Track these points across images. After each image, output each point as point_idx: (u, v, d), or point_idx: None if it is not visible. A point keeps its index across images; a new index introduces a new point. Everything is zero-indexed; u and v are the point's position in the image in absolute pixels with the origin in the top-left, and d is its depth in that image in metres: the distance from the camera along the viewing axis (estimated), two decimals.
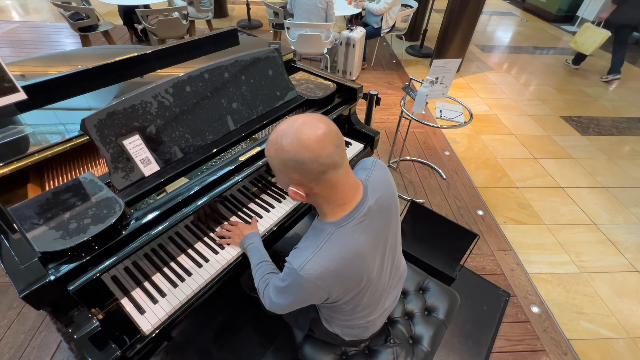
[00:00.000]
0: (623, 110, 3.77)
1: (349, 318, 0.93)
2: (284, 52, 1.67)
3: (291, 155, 0.66)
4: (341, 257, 0.72)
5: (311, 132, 0.66)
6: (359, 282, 0.78)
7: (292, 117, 0.72)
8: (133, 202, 0.99)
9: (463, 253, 1.71)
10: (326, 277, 0.71)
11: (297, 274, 0.70)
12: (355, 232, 0.74)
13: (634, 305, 1.84)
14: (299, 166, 0.67)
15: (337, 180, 0.71)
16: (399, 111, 2.29)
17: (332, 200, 0.74)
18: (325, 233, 0.73)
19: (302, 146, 0.65)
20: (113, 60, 1.42)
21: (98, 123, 0.94)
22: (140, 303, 0.96)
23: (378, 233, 0.80)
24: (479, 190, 2.52)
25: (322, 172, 0.68)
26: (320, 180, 0.69)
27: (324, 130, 0.66)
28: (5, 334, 1.51)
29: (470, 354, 1.56)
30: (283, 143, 0.67)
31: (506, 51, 5.23)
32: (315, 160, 0.66)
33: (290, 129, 0.67)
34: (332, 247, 0.72)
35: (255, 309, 1.62)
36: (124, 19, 4.10)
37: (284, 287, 0.77)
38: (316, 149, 0.65)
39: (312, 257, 0.70)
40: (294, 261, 0.72)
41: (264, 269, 0.97)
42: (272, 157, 0.70)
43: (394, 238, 0.89)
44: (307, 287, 0.72)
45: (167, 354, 1.48)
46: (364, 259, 0.76)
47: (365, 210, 0.75)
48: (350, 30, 3.57)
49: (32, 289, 0.75)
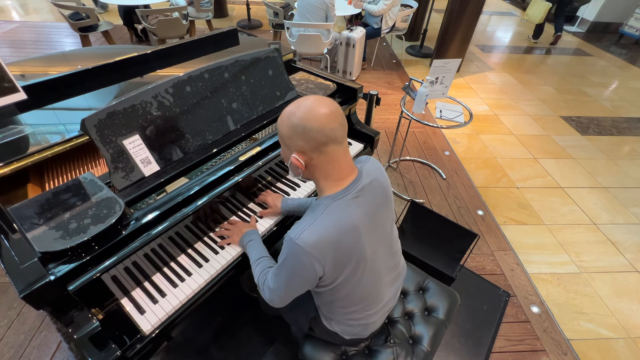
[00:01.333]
0: (623, 110, 3.77)
1: (348, 311, 0.94)
2: (284, 52, 1.67)
3: (301, 121, 0.74)
4: (336, 226, 0.76)
5: (321, 107, 0.75)
6: (353, 256, 0.81)
7: (305, 97, 0.80)
8: (133, 202, 0.99)
9: (463, 253, 1.71)
10: (321, 246, 0.75)
11: (294, 242, 0.74)
12: (351, 206, 0.79)
13: (634, 305, 1.84)
14: (305, 133, 0.74)
15: (336, 156, 0.78)
16: (399, 111, 2.29)
17: (330, 174, 0.80)
18: (322, 206, 0.79)
19: (311, 116, 0.74)
20: (113, 60, 1.42)
21: (98, 123, 0.94)
22: (140, 303, 0.96)
23: (372, 213, 0.84)
24: (479, 190, 2.52)
25: (325, 143, 0.75)
26: (322, 152, 0.76)
27: (332, 108, 0.76)
28: (5, 334, 1.51)
29: (470, 354, 1.56)
30: (296, 111, 0.76)
31: (506, 51, 5.23)
32: (320, 130, 0.74)
33: (304, 102, 0.77)
34: (328, 217, 0.77)
35: (255, 309, 1.62)
36: (124, 19, 4.10)
37: (281, 263, 0.81)
38: (323, 121, 0.74)
39: (309, 227, 0.75)
40: (292, 232, 0.77)
41: (263, 263, 0.98)
42: (284, 123, 0.78)
43: (388, 225, 0.93)
44: (302, 258, 0.75)
45: (167, 354, 1.48)
46: (358, 232, 0.79)
47: (360, 187, 0.81)
48: (350, 31, 3.58)
49: (32, 289, 0.75)
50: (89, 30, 3.47)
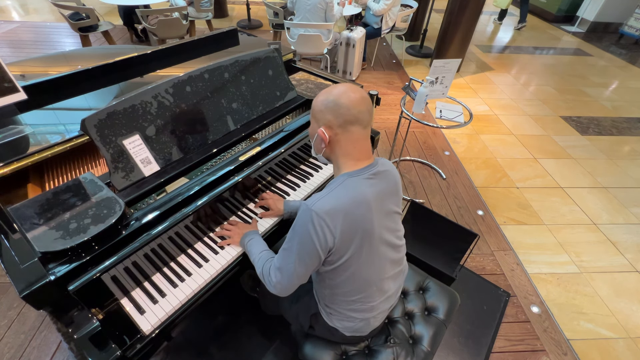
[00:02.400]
0: (623, 110, 3.77)
1: (350, 300, 0.94)
2: (284, 52, 1.67)
3: (334, 97, 0.83)
4: (349, 198, 0.83)
5: (356, 91, 0.85)
6: (360, 229, 0.84)
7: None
8: (133, 202, 0.99)
9: (463, 253, 1.71)
10: (334, 213, 0.80)
11: (310, 209, 0.80)
12: (365, 183, 0.85)
13: (634, 305, 1.84)
14: (336, 108, 0.83)
15: (359, 137, 0.86)
16: (399, 111, 2.29)
17: (349, 152, 0.87)
18: (339, 181, 0.86)
19: (345, 95, 0.83)
20: (113, 60, 1.43)
21: (98, 123, 0.94)
22: (140, 303, 0.96)
23: (383, 197, 0.89)
24: (479, 190, 2.52)
25: (351, 122, 0.83)
26: (346, 129, 0.84)
27: (363, 95, 0.85)
28: (5, 334, 1.51)
29: (470, 354, 1.56)
30: (332, 90, 0.85)
31: (506, 51, 5.23)
32: (350, 109, 0.82)
33: (340, 86, 0.86)
34: (343, 190, 0.84)
35: (255, 309, 1.62)
36: (124, 19, 4.10)
37: (292, 234, 0.86)
38: (354, 102, 0.83)
39: (325, 197, 0.82)
40: (309, 201, 0.83)
41: (266, 255, 0.99)
42: (318, 100, 0.87)
43: (396, 217, 0.96)
44: (315, 224, 0.79)
45: (167, 353, 1.48)
46: (369, 207, 0.84)
47: (375, 171, 0.88)
48: (350, 31, 3.58)
49: (32, 289, 0.75)
50: (89, 30, 3.47)
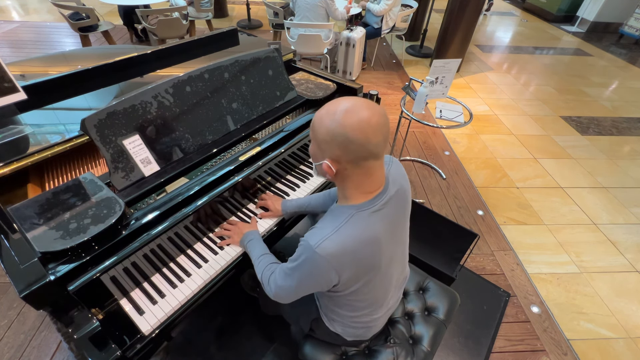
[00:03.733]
0: (623, 110, 3.77)
1: (354, 315, 0.93)
2: (284, 52, 1.67)
3: (345, 130, 0.66)
4: (358, 239, 0.73)
5: (372, 117, 0.66)
6: (371, 269, 0.80)
7: (348, 99, 0.71)
8: (133, 202, 0.99)
9: (463, 253, 1.71)
10: (341, 256, 0.72)
11: (313, 250, 0.71)
12: (375, 218, 0.75)
13: (634, 305, 1.84)
14: (346, 144, 0.67)
15: (373, 171, 0.73)
16: (399, 111, 2.29)
17: (360, 186, 0.75)
18: (345, 215, 0.75)
19: (359, 126, 0.65)
20: (113, 60, 1.42)
21: (98, 123, 0.94)
22: (139, 304, 0.96)
23: (394, 224, 0.82)
24: (479, 190, 2.52)
25: (364, 157, 0.69)
26: (359, 165, 0.71)
27: (382, 120, 0.68)
28: (5, 334, 1.51)
29: (470, 354, 1.56)
30: (341, 116, 0.66)
31: (506, 51, 5.23)
32: (364, 144, 0.67)
33: (352, 106, 0.67)
34: (351, 228, 0.73)
35: (255, 309, 1.62)
36: (124, 19, 4.10)
37: (295, 265, 0.78)
38: (369, 134, 0.66)
39: (331, 236, 0.72)
40: (311, 238, 0.73)
41: (266, 260, 0.98)
42: (323, 125, 0.69)
43: (405, 233, 0.92)
44: (320, 266, 0.73)
45: (167, 353, 1.48)
46: (379, 245, 0.77)
47: (386, 199, 0.77)
48: (350, 30, 3.57)
49: (32, 289, 0.75)
50: (89, 30, 3.47)
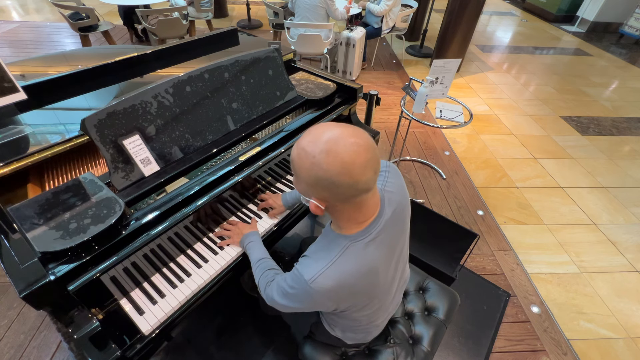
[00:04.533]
0: (623, 110, 3.77)
1: (354, 322, 0.93)
2: (284, 52, 1.67)
3: (329, 175, 0.60)
4: (355, 272, 0.71)
5: (356, 156, 0.59)
6: (371, 296, 0.79)
7: (330, 126, 0.63)
8: (133, 202, 0.99)
9: (463, 253, 1.71)
10: (338, 290, 0.70)
11: (308, 285, 0.69)
12: (370, 248, 0.72)
13: (634, 305, 1.84)
14: (333, 188, 0.62)
15: (365, 203, 0.69)
16: (399, 111, 2.29)
17: (353, 218, 0.71)
18: (340, 247, 0.71)
19: (343, 170, 0.59)
20: (113, 60, 1.42)
21: (98, 123, 0.94)
22: (139, 304, 0.96)
23: (392, 246, 0.79)
24: (479, 190, 2.52)
25: (355, 195, 0.64)
26: (349, 202, 0.66)
27: (369, 155, 0.60)
28: (5, 334, 1.51)
29: (470, 354, 1.56)
30: (322, 159, 0.59)
31: (506, 51, 5.23)
32: (353, 185, 0.61)
33: (333, 146, 0.59)
34: (346, 262, 0.70)
35: (255, 309, 1.62)
36: (124, 19, 4.10)
37: (291, 293, 0.75)
38: (357, 175, 0.60)
39: (325, 271, 0.69)
40: (305, 271, 0.70)
41: (265, 265, 0.97)
42: (305, 169, 0.63)
43: (404, 244, 0.90)
44: (316, 299, 0.71)
45: (167, 353, 1.48)
46: (377, 274, 0.75)
47: (382, 225, 0.73)
48: (350, 30, 3.57)
49: (32, 289, 0.75)
50: (89, 30, 3.47)
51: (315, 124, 0.67)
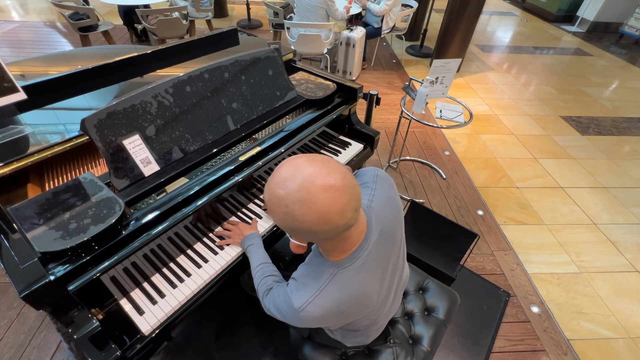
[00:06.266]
0: (623, 110, 3.77)
1: (353, 329, 0.93)
2: (284, 52, 1.67)
3: (305, 226, 0.56)
4: (345, 300, 0.70)
5: (332, 204, 0.54)
6: (365, 315, 0.79)
7: (300, 166, 0.57)
8: (133, 202, 0.99)
9: (463, 253, 1.71)
10: (328, 317, 0.71)
11: (298, 313, 0.69)
12: (359, 273, 0.71)
13: (634, 305, 1.84)
14: (311, 235, 0.60)
15: (349, 235, 0.67)
16: (399, 111, 2.29)
17: (338, 248, 0.70)
18: (327, 274, 0.70)
19: (320, 220, 0.55)
20: (113, 60, 1.42)
21: (98, 123, 0.94)
22: (139, 304, 0.96)
23: (382, 264, 0.77)
24: (479, 190, 2.52)
25: (338, 234, 0.62)
26: (331, 239, 0.65)
27: (345, 198, 0.56)
28: (5, 334, 1.51)
29: (470, 354, 1.56)
30: (295, 210, 0.55)
31: (506, 51, 5.23)
32: (333, 230, 0.59)
33: (305, 195, 0.54)
34: (334, 290, 0.69)
35: (255, 309, 1.62)
36: (124, 19, 4.10)
37: (283, 314, 0.76)
38: (336, 222, 0.57)
39: (313, 300, 0.68)
40: (294, 299, 0.70)
41: (264, 270, 0.97)
42: (279, 217, 0.59)
43: (400, 251, 0.88)
44: (307, 323, 0.73)
45: (167, 353, 1.48)
46: (368, 297, 0.75)
47: (369, 248, 0.71)
48: (350, 30, 3.57)
49: (32, 289, 0.75)
50: (89, 30, 3.47)
51: (286, 159, 0.62)
